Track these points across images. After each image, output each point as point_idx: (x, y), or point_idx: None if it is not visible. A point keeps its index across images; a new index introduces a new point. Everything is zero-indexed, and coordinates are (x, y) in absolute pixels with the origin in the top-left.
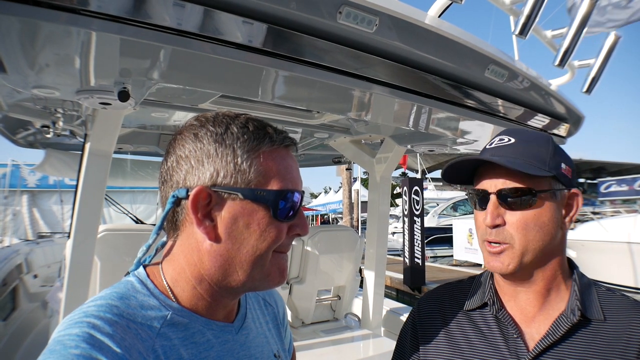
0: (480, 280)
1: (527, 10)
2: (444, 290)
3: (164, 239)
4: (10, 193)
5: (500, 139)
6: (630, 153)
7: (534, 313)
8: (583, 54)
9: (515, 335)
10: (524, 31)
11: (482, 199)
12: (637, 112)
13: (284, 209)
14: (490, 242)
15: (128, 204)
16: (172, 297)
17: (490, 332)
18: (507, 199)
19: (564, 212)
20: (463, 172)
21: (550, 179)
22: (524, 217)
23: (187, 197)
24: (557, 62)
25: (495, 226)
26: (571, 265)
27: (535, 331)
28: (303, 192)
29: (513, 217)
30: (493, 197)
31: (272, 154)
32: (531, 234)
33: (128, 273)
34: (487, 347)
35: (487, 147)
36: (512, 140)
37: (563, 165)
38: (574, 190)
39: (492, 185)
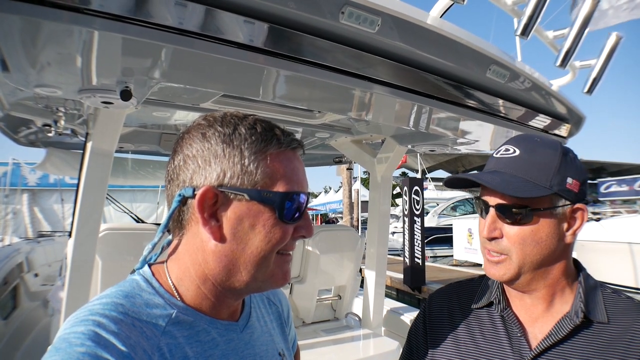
0: (489, 279)
1: (529, 10)
2: (453, 288)
3: (169, 237)
4: (11, 192)
5: (506, 149)
6: (630, 153)
7: (539, 314)
8: (584, 54)
9: (519, 334)
10: (525, 32)
11: (483, 209)
12: (637, 112)
13: (290, 211)
14: (489, 250)
15: (129, 203)
16: (177, 296)
17: (495, 331)
18: (504, 214)
19: (566, 225)
20: (465, 180)
21: (551, 196)
22: (521, 231)
23: (193, 196)
24: (558, 63)
25: (493, 238)
26: (578, 267)
27: (538, 331)
28: (309, 193)
29: (511, 231)
30: (492, 210)
31: (279, 155)
32: (528, 248)
33: (134, 271)
34: (490, 345)
35: (494, 155)
36: (517, 152)
37: (569, 180)
38: (577, 205)
39: (491, 197)
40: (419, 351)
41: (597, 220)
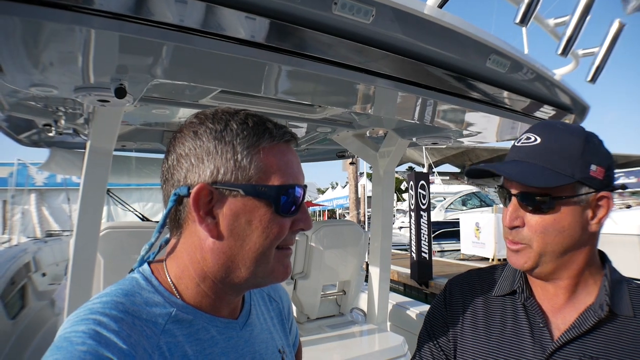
0: (512, 267)
1: None
2: (475, 275)
3: (167, 235)
4: (18, 192)
5: (527, 138)
6: (638, 145)
7: (562, 304)
8: (587, 42)
9: (541, 325)
10: (524, 20)
11: (506, 197)
12: None
13: (286, 204)
14: (510, 240)
15: (136, 202)
16: (176, 294)
17: (517, 320)
18: (526, 202)
19: (590, 214)
20: (486, 171)
21: (573, 184)
22: (543, 220)
23: (188, 195)
24: (560, 51)
25: (514, 227)
26: (603, 259)
27: (561, 322)
28: (305, 186)
29: (532, 220)
30: (514, 199)
31: (272, 149)
32: (549, 237)
33: (132, 270)
34: (511, 334)
35: (515, 144)
36: (538, 140)
37: (593, 167)
38: (602, 193)
39: (513, 186)
40: (440, 335)
41: None
